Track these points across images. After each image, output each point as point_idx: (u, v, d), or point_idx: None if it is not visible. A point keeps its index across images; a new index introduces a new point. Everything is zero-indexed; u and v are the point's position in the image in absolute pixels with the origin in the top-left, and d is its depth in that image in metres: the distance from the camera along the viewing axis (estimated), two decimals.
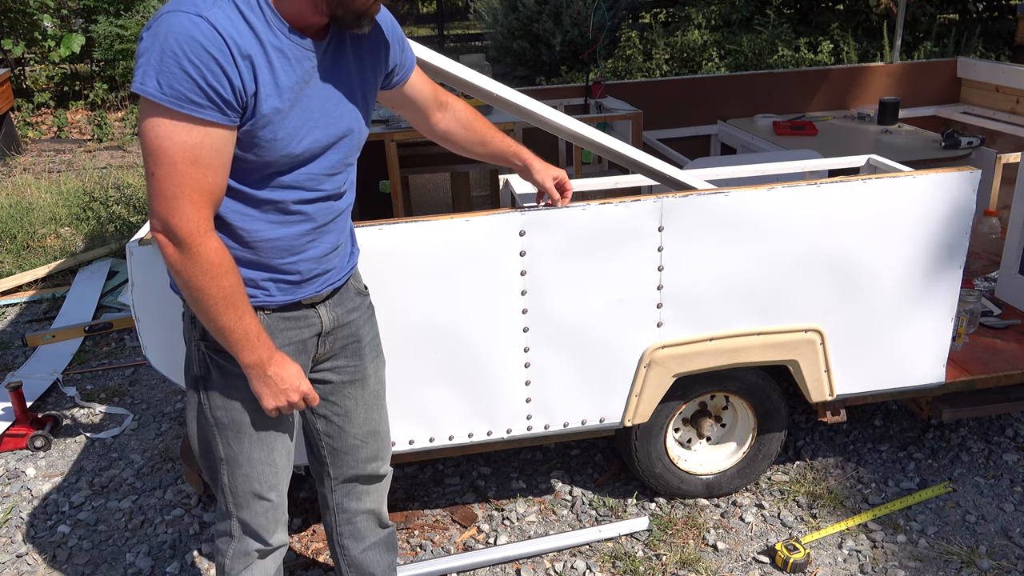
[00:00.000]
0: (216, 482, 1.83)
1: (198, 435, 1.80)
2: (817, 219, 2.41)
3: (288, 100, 1.55)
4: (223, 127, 1.49)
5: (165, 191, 1.48)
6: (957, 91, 5.20)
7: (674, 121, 4.98)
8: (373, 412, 1.99)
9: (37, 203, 6.27)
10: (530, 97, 2.36)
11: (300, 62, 1.56)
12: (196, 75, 1.42)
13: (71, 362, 4.06)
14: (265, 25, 1.50)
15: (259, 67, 1.49)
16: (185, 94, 1.43)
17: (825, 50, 8.03)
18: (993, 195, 4.10)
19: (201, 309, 1.57)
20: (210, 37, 1.42)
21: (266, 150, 1.56)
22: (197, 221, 1.50)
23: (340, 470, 2.02)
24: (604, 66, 8.64)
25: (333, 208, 1.74)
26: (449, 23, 13.60)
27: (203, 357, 1.72)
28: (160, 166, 1.47)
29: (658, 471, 2.79)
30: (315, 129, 1.61)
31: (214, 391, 1.73)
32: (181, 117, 1.44)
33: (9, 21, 8.92)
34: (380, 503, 2.12)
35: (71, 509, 3.00)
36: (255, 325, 1.61)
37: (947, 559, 2.59)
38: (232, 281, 1.56)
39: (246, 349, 1.61)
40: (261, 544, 1.89)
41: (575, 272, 2.37)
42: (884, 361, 2.63)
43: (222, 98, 1.46)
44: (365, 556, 2.14)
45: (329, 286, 1.79)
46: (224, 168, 1.53)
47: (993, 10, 9.41)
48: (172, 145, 1.45)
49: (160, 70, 1.41)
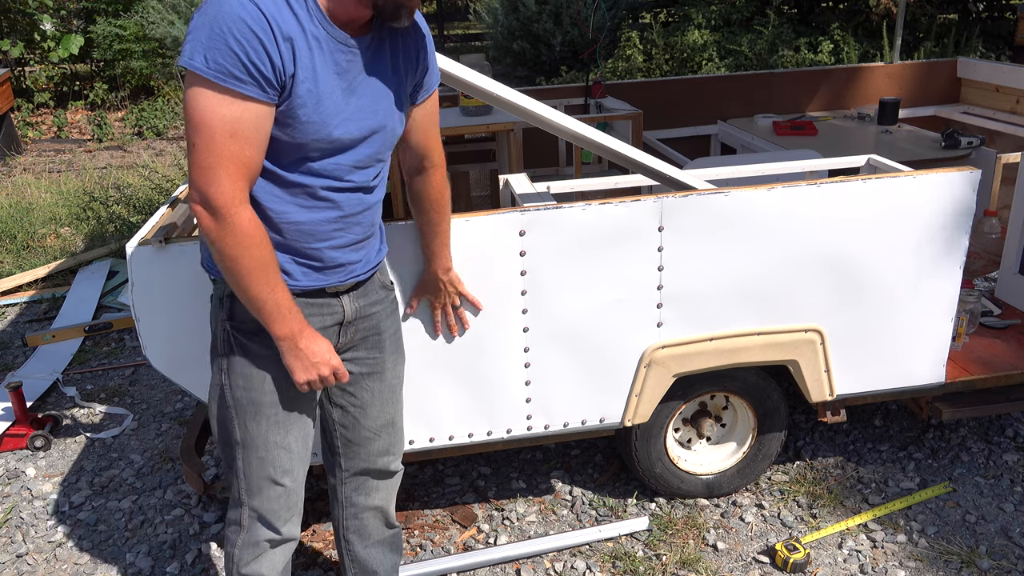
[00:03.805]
0: (231, 467, 1.85)
1: (218, 418, 1.83)
2: (817, 219, 2.41)
3: (324, 87, 1.61)
4: (262, 103, 1.54)
5: (203, 161, 1.53)
6: (957, 91, 5.20)
7: (674, 121, 4.98)
8: (388, 406, 2.02)
9: (37, 203, 6.27)
10: (530, 97, 2.36)
11: (333, 54, 1.62)
12: (240, 51, 1.49)
13: (71, 362, 4.06)
14: (307, 14, 1.57)
15: (299, 50, 1.56)
16: (229, 69, 1.49)
17: (825, 50, 8.03)
18: (993, 195, 4.10)
19: (235, 279, 1.61)
20: (256, 17, 1.50)
21: (300, 131, 1.61)
22: (233, 192, 1.56)
23: (352, 462, 2.04)
24: (604, 66, 8.64)
25: (363, 200, 1.78)
26: (449, 23, 13.60)
27: (227, 336, 1.76)
28: (200, 136, 1.53)
29: (658, 471, 2.79)
30: (348, 121, 1.67)
31: (235, 371, 1.77)
32: (223, 91, 1.51)
33: (9, 21, 8.93)
34: (388, 501, 2.13)
35: (71, 509, 3.00)
36: (287, 298, 1.66)
37: (947, 559, 2.59)
38: (265, 253, 1.61)
39: (278, 321, 1.65)
40: (272, 532, 1.90)
41: (575, 272, 2.37)
42: (884, 361, 2.63)
43: (263, 75, 1.52)
44: (368, 553, 2.16)
45: (353, 278, 1.83)
46: (261, 144, 1.58)
47: (993, 10, 9.41)
48: (213, 117, 1.51)
49: (208, 46, 1.49)
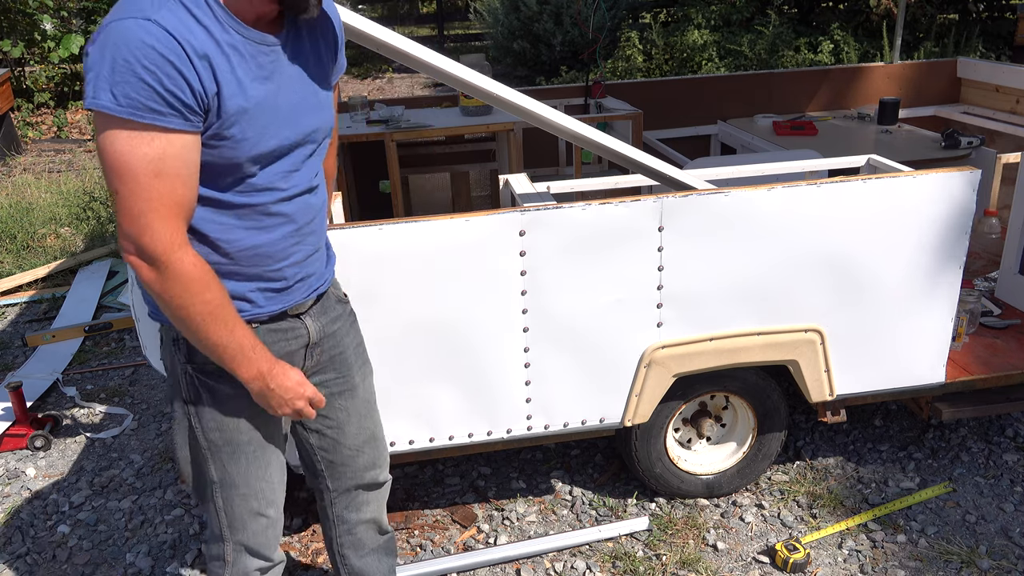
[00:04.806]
0: (207, 505, 1.78)
1: (190, 460, 1.75)
2: (817, 219, 2.41)
3: (253, 98, 1.49)
4: (186, 133, 1.41)
5: (131, 209, 1.40)
6: (957, 91, 5.20)
7: (674, 121, 4.98)
8: (366, 420, 1.95)
9: (37, 203, 6.27)
10: (530, 97, 2.36)
11: (255, 58, 1.49)
12: (153, 81, 1.35)
13: (71, 362, 4.06)
14: (216, 23, 1.44)
15: (218, 66, 1.43)
16: (143, 102, 1.35)
17: (825, 50, 8.04)
18: (993, 195, 4.10)
19: (189, 329, 1.50)
20: (162, 40, 1.35)
21: (235, 150, 1.49)
22: (170, 237, 1.43)
23: (338, 482, 1.98)
24: (604, 66, 8.64)
25: (310, 205, 1.67)
26: (449, 23, 13.59)
27: (191, 380, 1.65)
28: (123, 183, 1.39)
29: (658, 471, 2.79)
30: (283, 127, 1.55)
31: (206, 414, 1.67)
32: (141, 127, 1.37)
33: (9, 21, 8.92)
34: (380, 512, 2.09)
35: (71, 509, 3.00)
36: (248, 337, 1.55)
37: (947, 559, 2.59)
38: (216, 294, 1.49)
39: (243, 364, 1.55)
40: (264, 561, 1.85)
41: (575, 272, 2.36)
42: (884, 361, 2.63)
43: (182, 103, 1.39)
44: (365, 563, 2.12)
45: (314, 291, 1.74)
46: (192, 178, 1.45)
47: (993, 10, 9.41)
48: (133, 159, 1.38)
49: (113, 81, 1.34)
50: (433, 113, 4.40)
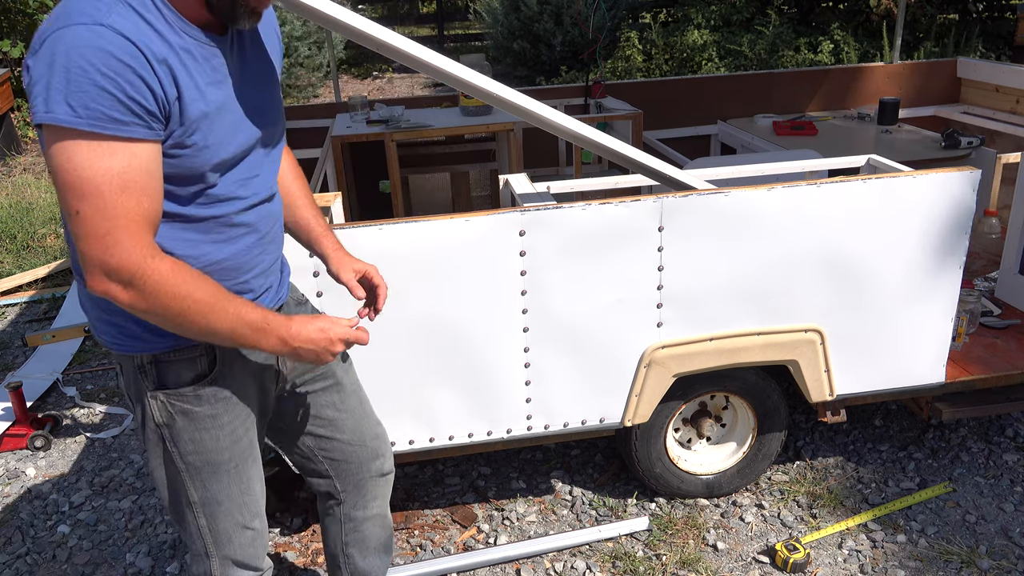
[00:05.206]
0: (186, 527, 1.73)
1: (166, 484, 1.68)
2: (817, 219, 2.41)
3: (212, 102, 1.42)
4: (150, 142, 1.33)
5: (95, 229, 1.29)
6: (957, 91, 5.20)
7: (674, 121, 4.98)
8: (358, 411, 1.93)
9: (37, 203, 6.27)
10: (530, 97, 2.36)
11: (208, 60, 1.43)
12: (114, 89, 1.26)
13: (71, 362, 4.06)
14: (167, 26, 1.36)
15: (176, 70, 1.35)
16: (104, 112, 1.26)
17: (825, 50, 8.04)
18: (993, 195, 4.10)
19: (194, 331, 1.43)
20: (120, 45, 1.26)
21: (196, 159, 1.41)
22: (140, 249, 1.32)
23: (346, 480, 1.96)
24: (604, 66, 8.64)
25: (271, 213, 1.63)
26: (449, 23, 13.59)
27: (163, 406, 1.58)
28: (86, 201, 1.28)
29: (658, 471, 2.79)
30: (240, 131, 1.49)
31: (182, 437, 1.61)
32: (102, 138, 1.27)
33: (9, 22, 8.92)
34: (385, 507, 2.08)
35: (71, 509, 3.00)
36: (255, 311, 1.47)
37: (947, 559, 2.59)
38: (206, 288, 1.41)
39: (261, 340, 1.48)
40: (252, 572, 1.82)
41: (575, 272, 2.37)
42: (884, 361, 2.63)
43: (146, 110, 1.30)
44: (368, 563, 2.10)
45: (277, 301, 1.71)
46: (157, 191, 1.36)
47: (993, 10, 9.41)
48: (96, 174, 1.27)
49: (68, 91, 1.24)
50: (433, 113, 4.40)
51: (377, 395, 2.40)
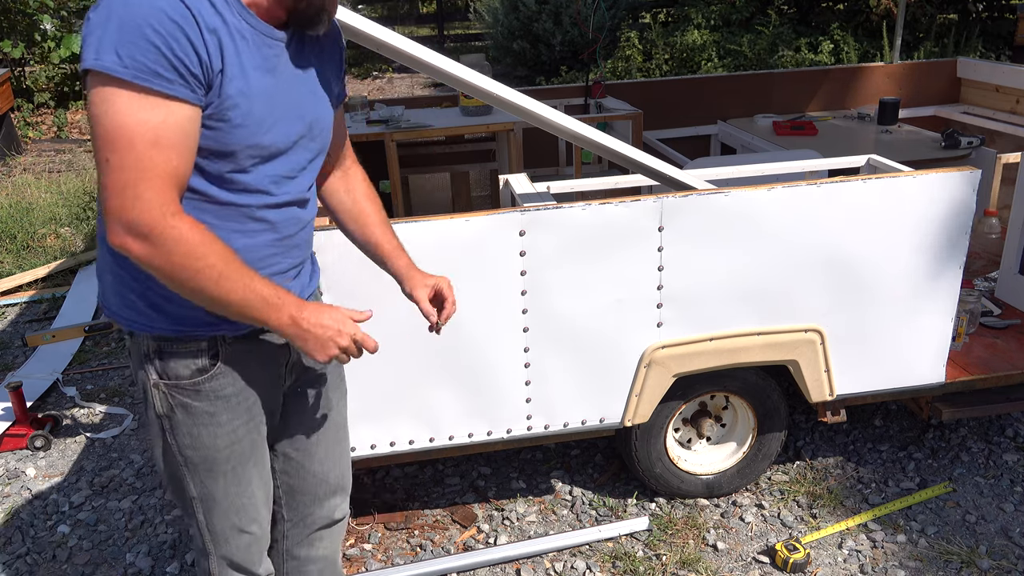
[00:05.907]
0: (191, 519, 1.71)
1: (168, 473, 1.67)
2: (817, 219, 2.41)
3: (254, 86, 1.43)
4: (189, 104, 1.34)
5: (121, 180, 1.30)
6: (957, 91, 5.20)
7: (674, 121, 4.98)
8: (335, 446, 1.87)
9: (37, 203, 6.27)
10: (530, 97, 2.36)
11: (260, 49, 1.44)
12: (163, 45, 1.28)
13: (71, 362, 4.06)
14: (226, 5, 1.39)
15: (225, 44, 1.37)
16: (150, 67, 1.28)
17: (825, 50, 8.04)
18: (993, 195, 4.10)
19: (205, 297, 1.40)
20: (175, 6, 1.30)
21: (231, 136, 1.42)
22: (161, 204, 1.32)
23: (295, 512, 1.88)
24: (604, 66, 8.64)
25: (298, 218, 1.61)
26: (449, 23, 13.59)
27: (164, 396, 1.58)
28: (116, 150, 1.30)
29: (658, 471, 2.79)
30: (280, 122, 1.49)
31: (180, 431, 1.61)
32: (145, 92, 1.29)
33: (9, 21, 8.92)
34: (336, 551, 1.97)
35: (71, 509, 3.00)
36: (268, 285, 1.45)
37: (947, 559, 2.59)
38: (221, 253, 1.39)
39: (271, 314, 1.45)
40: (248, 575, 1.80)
41: (575, 272, 2.37)
42: (884, 361, 2.63)
43: (191, 72, 1.32)
44: None
45: None
46: (189, 152, 1.37)
47: (993, 10, 9.41)
48: (132, 123, 1.29)
49: (119, 41, 1.27)
50: (433, 113, 4.40)
51: (377, 395, 2.40)
